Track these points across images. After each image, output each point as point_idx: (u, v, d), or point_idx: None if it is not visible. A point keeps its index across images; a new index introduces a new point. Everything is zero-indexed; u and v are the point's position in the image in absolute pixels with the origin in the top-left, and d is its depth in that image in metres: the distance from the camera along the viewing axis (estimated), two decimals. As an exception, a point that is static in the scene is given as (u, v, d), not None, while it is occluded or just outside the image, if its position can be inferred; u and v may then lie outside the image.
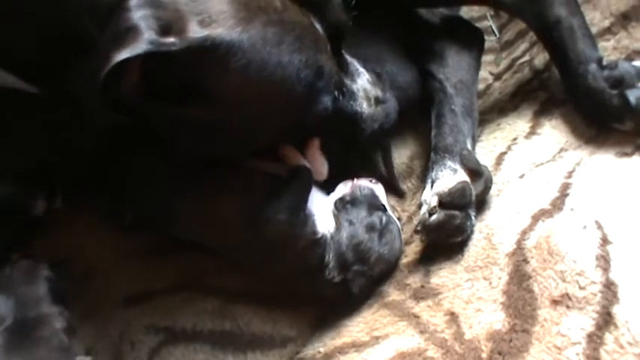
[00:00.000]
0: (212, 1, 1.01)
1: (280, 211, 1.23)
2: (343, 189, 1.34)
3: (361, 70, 1.30)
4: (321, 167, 1.30)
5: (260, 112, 1.09)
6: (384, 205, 1.34)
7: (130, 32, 0.95)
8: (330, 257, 1.27)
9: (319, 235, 1.26)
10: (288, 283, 1.32)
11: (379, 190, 1.36)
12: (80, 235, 1.39)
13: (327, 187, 1.35)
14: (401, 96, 1.40)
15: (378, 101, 1.30)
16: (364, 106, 1.28)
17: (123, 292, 1.36)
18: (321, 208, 1.30)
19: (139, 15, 0.96)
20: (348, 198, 1.33)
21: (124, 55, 0.94)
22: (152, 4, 0.98)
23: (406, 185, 1.46)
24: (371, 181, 1.36)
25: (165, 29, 0.97)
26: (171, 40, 0.97)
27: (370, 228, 1.30)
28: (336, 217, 1.31)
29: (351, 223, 1.30)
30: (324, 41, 1.14)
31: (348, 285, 1.28)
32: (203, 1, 1.00)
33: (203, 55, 1.00)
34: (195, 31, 0.99)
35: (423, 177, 1.41)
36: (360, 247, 1.28)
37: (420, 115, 1.48)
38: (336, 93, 1.19)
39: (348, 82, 1.25)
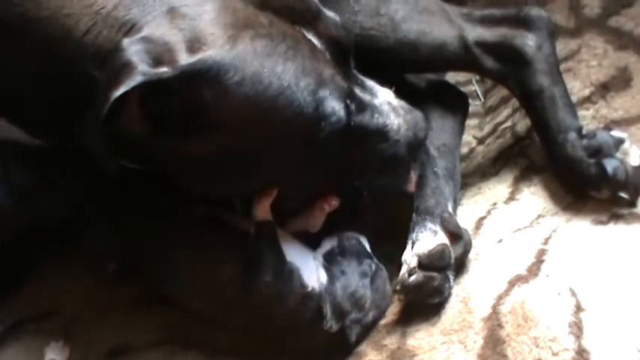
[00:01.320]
0: (199, 26, 1.05)
1: (265, 274, 1.24)
2: (330, 242, 1.36)
3: (379, 86, 1.30)
4: (317, 222, 1.33)
5: (263, 131, 1.10)
6: (370, 253, 1.37)
7: (125, 69, 1.00)
8: (327, 309, 1.28)
9: (309, 289, 1.28)
10: (284, 341, 1.32)
11: (364, 239, 1.38)
12: (66, 284, 1.41)
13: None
14: None
15: (405, 110, 1.30)
16: (392, 117, 1.27)
17: (106, 344, 1.37)
18: (307, 262, 1.32)
19: (132, 51, 1.01)
20: (337, 250, 1.35)
21: (120, 90, 0.99)
22: (143, 40, 1.03)
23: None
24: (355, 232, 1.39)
25: (157, 61, 1.02)
26: (164, 69, 1.01)
27: (362, 275, 1.32)
28: (328, 270, 1.32)
29: (343, 273, 1.31)
30: (321, 52, 1.16)
31: (345, 334, 1.29)
32: (191, 29, 1.04)
33: (196, 80, 1.03)
34: (185, 58, 1.03)
35: (405, 237, 1.43)
36: (355, 295, 1.30)
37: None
38: (348, 102, 1.17)
39: (366, 96, 1.25)
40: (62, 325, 1.37)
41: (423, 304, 1.31)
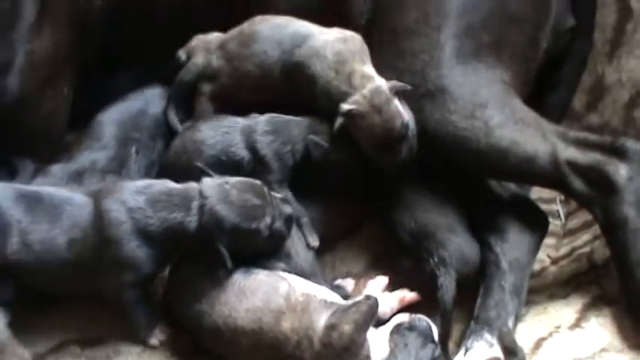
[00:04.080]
0: None
1: (347, 322, 1.26)
2: (401, 318, 1.37)
3: None
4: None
5: None
6: (436, 341, 1.35)
7: None
8: None
9: None
10: None
11: (434, 327, 1.37)
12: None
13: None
14: (464, 269, 1.42)
15: None
16: None
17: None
18: (376, 338, 1.32)
19: None
20: (406, 325, 1.35)
21: None
22: None
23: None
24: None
25: None
26: None
27: (424, 356, 1.31)
28: (392, 341, 1.32)
29: (406, 346, 1.31)
30: None
31: None
32: None
33: None
34: None
35: (459, 342, 1.39)
36: None
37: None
38: None
39: None
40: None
41: (466, 413, 1.27)
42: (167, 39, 1.59)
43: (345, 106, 1.39)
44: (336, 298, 1.35)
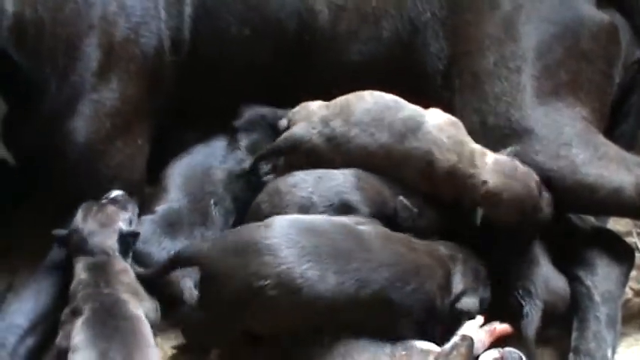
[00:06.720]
0: None
1: None
2: (492, 354, 1.37)
3: None
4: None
5: None
6: None
7: None
8: None
9: None
10: None
11: (525, 357, 1.37)
12: None
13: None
14: (551, 299, 1.44)
15: None
16: None
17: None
18: None
19: None
20: (498, 359, 1.35)
21: None
22: None
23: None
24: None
25: None
26: None
27: None
28: None
29: None
30: None
31: None
32: None
33: None
34: None
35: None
36: None
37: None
38: None
39: None
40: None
41: None
42: (235, 94, 1.64)
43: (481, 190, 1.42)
44: (429, 345, 1.36)
